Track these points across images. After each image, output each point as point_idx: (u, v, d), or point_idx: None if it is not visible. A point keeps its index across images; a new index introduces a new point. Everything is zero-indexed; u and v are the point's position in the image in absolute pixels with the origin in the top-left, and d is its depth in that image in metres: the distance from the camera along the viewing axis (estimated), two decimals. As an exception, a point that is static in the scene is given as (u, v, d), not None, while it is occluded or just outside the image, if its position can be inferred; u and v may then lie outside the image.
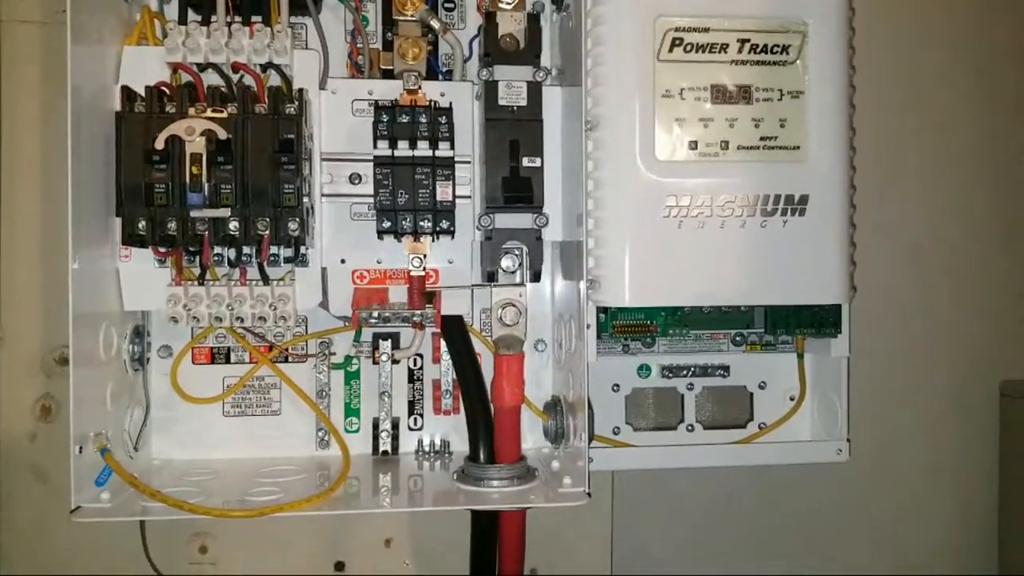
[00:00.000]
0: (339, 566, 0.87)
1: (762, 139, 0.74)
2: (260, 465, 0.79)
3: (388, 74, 0.79)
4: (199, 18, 0.74)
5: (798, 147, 0.74)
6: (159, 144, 0.65)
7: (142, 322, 0.78)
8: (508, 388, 0.71)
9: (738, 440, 0.85)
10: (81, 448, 0.65)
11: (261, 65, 0.72)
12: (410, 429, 0.83)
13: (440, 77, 0.80)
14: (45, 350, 0.82)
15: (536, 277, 0.72)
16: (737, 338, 0.84)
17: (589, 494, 0.67)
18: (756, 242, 0.73)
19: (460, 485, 0.72)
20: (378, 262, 0.76)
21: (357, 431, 0.83)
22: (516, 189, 0.68)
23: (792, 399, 0.86)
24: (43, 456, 0.83)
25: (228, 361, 0.82)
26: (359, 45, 0.79)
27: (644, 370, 0.85)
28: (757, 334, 0.83)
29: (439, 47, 0.82)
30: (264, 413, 0.82)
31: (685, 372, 0.84)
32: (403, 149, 0.69)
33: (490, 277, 0.71)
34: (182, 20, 0.75)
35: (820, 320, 0.78)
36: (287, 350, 0.81)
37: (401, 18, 0.76)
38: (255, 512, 0.64)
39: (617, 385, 0.84)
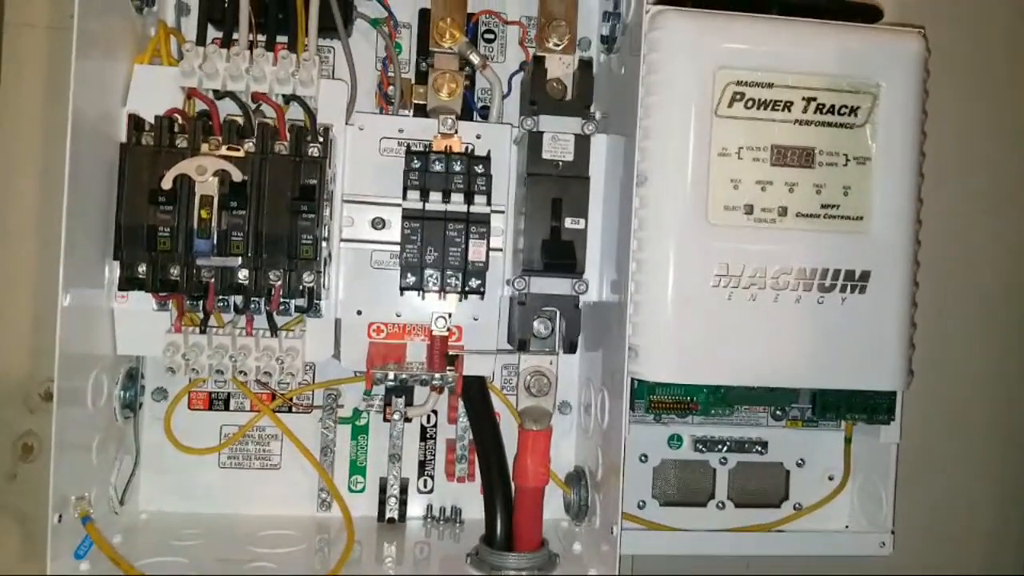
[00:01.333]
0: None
1: (823, 207, 0.68)
2: (255, 525, 0.73)
3: (420, 109, 0.72)
4: (219, 35, 0.68)
5: (861, 217, 0.68)
6: (166, 184, 0.59)
7: (136, 365, 0.72)
8: (533, 467, 0.65)
9: (772, 522, 0.78)
10: (61, 516, 0.58)
11: (284, 96, 0.66)
12: (419, 492, 0.77)
13: (476, 114, 0.74)
14: (30, 384, 0.76)
15: (572, 348, 0.65)
16: (777, 412, 0.77)
17: (620, 594, 0.61)
18: (812, 320, 0.67)
19: (473, 571, 0.65)
20: (397, 315, 0.69)
21: (362, 491, 0.77)
22: (557, 254, 0.62)
23: (831, 479, 0.80)
24: (22, 498, 0.76)
25: (227, 408, 0.76)
26: (390, 74, 0.73)
27: (675, 440, 0.78)
28: (800, 409, 0.77)
29: (476, 81, 0.76)
30: (263, 467, 0.76)
31: (720, 447, 0.78)
32: (435, 202, 0.63)
33: (522, 346, 0.65)
34: (200, 38, 0.69)
35: (873, 406, 0.72)
36: (291, 400, 0.75)
37: (438, 49, 0.70)
38: (250, 601, 0.57)
39: (645, 455, 0.78)
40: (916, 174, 0.69)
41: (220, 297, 0.65)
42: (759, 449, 0.78)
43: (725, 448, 0.78)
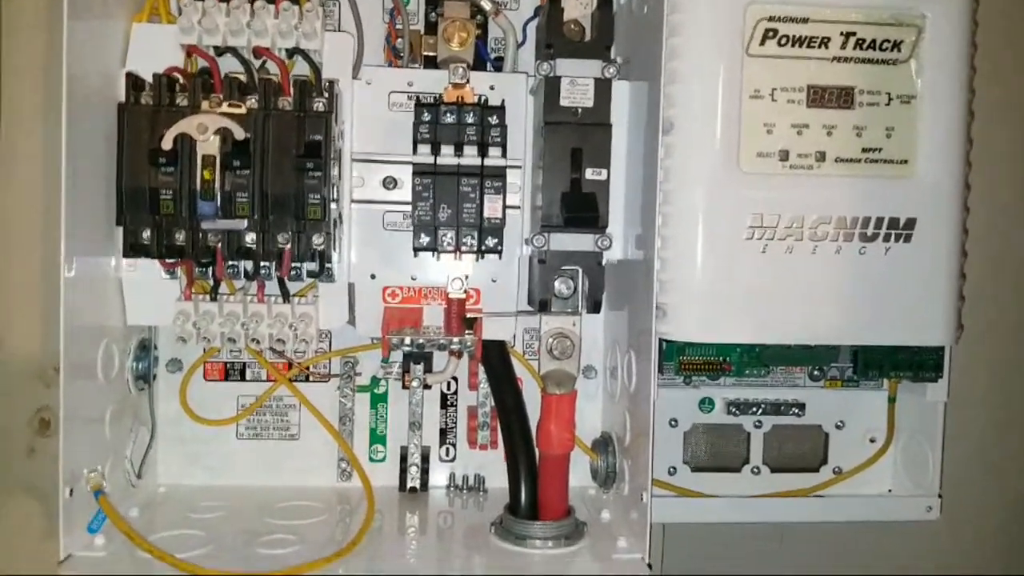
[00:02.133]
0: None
1: (864, 150, 0.63)
2: (275, 496, 0.71)
3: (430, 62, 0.69)
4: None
5: (906, 161, 0.63)
6: (167, 143, 0.56)
7: (149, 335, 0.70)
8: (557, 432, 0.62)
9: (810, 487, 0.75)
10: (72, 490, 0.57)
11: (287, 50, 0.63)
12: (441, 460, 0.75)
13: (489, 66, 0.70)
14: (44, 358, 0.74)
15: (596, 307, 0.62)
16: (815, 372, 0.74)
17: (650, 565, 0.58)
18: (853, 272, 0.63)
19: (498, 542, 0.63)
20: (412, 279, 0.66)
21: (383, 460, 0.74)
22: (578, 207, 0.58)
23: (872, 441, 0.76)
24: (42, 474, 0.75)
25: (243, 378, 0.74)
26: (398, 27, 0.70)
27: (707, 404, 0.75)
28: (839, 368, 0.73)
29: (488, 30, 0.72)
30: (281, 437, 0.74)
31: (755, 409, 0.74)
32: (447, 156, 0.59)
33: (542, 306, 0.61)
34: (199, -8, 0.65)
35: (919, 363, 0.68)
36: (308, 369, 0.73)
37: (448, -3, 0.65)
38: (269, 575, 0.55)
39: (675, 420, 0.75)
40: (965, 112, 0.64)
41: (229, 263, 0.62)
42: (796, 411, 0.75)
43: (760, 411, 0.74)
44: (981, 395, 0.82)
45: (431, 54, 0.69)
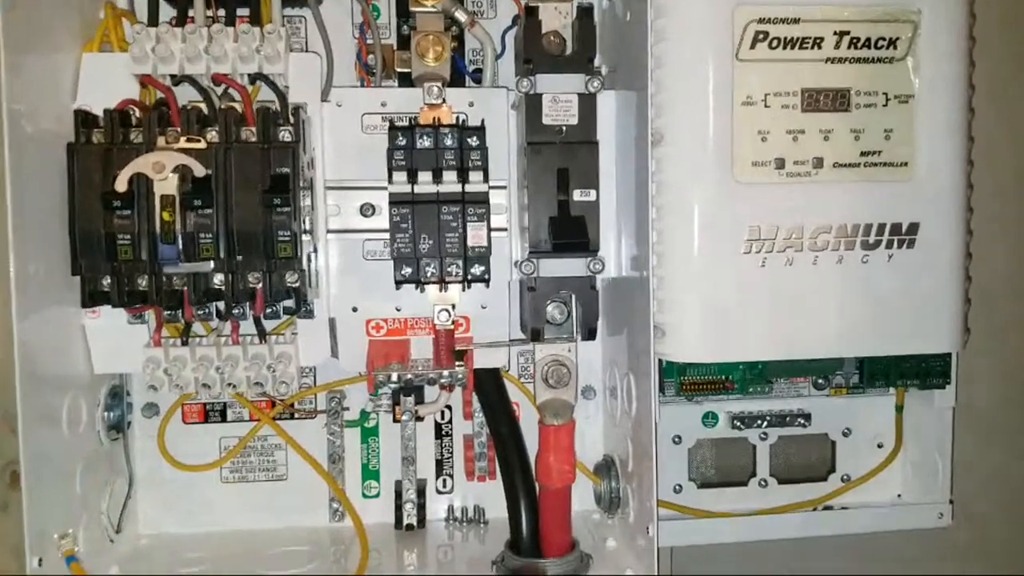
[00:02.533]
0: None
1: (863, 154, 0.60)
2: (265, 542, 0.68)
3: (405, 79, 0.65)
4: (174, 13, 0.61)
5: (906, 163, 0.61)
6: (121, 185, 0.52)
7: (120, 382, 0.66)
8: (557, 465, 0.59)
9: (819, 497, 0.72)
10: (41, 560, 0.53)
11: (250, 76, 0.59)
12: (438, 492, 0.72)
13: (468, 79, 0.67)
14: (8, 405, 0.70)
15: (591, 335, 0.59)
16: (819, 381, 0.71)
17: (661, 602, 0.55)
18: (856, 281, 0.60)
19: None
20: (397, 309, 0.63)
21: (377, 496, 0.71)
22: (567, 232, 0.55)
23: (880, 446, 0.73)
24: (18, 530, 0.71)
25: (224, 419, 0.70)
26: (369, 42, 0.66)
27: (710, 419, 0.72)
28: (844, 376, 0.70)
29: (465, 41, 0.68)
30: (268, 479, 0.71)
31: (759, 422, 0.71)
32: (425, 183, 0.55)
33: (534, 336, 0.58)
34: (152, 18, 0.61)
35: (926, 370, 0.65)
36: (292, 406, 0.69)
37: (419, 9, 0.61)
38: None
39: (679, 437, 0.72)
40: (966, 109, 0.62)
41: (199, 308, 0.58)
42: (801, 422, 0.72)
43: (765, 423, 0.72)
44: (989, 398, 0.80)
45: (405, 70, 0.65)
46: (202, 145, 0.54)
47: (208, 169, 0.53)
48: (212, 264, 0.54)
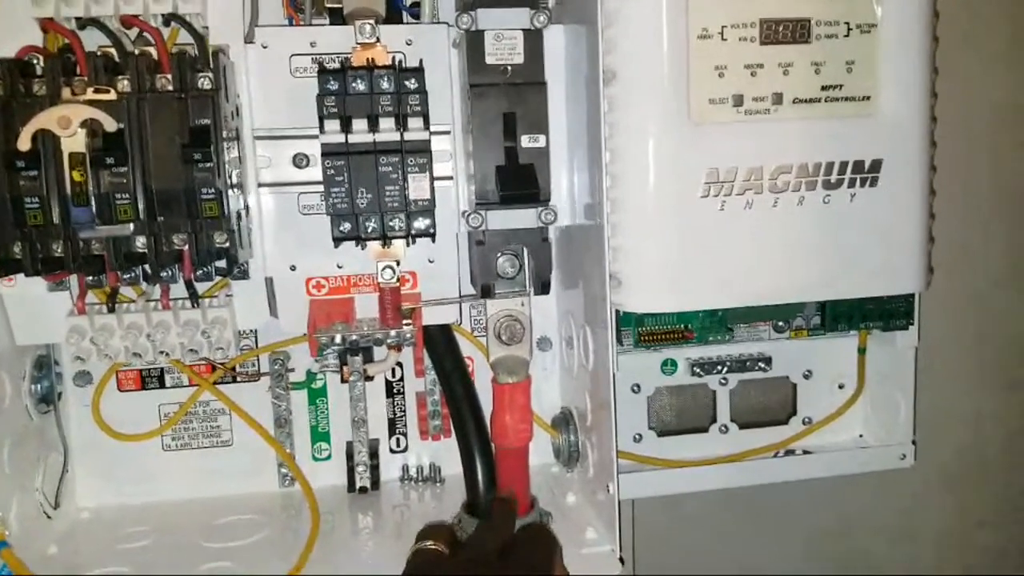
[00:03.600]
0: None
1: (824, 88, 0.57)
2: (212, 510, 0.65)
3: (336, 15, 0.60)
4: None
5: (868, 97, 0.58)
6: (23, 143, 0.47)
7: (47, 352, 0.62)
8: (513, 424, 0.57)
9: (781, 440, 0.71)
10: (-33, 546, 0.50)
11: (164, 16, 0.53)
12: (392, 452, 0.69)
13: (405, 15, 0.62)
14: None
15: (544, 288, 0.56)
16: (780, 324, 0.69)
17: (622, 560, 0.54)
18: (818, 222, 0.58)
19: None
20: (338, 267, 0.59)
21: (328, 458, 0.69)
22: (515, 182, 0.51)
23: (841, 387, 0.73)
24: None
25: (163, 385, 0.67)
26: (295, -25, 0.60)
27: (669, 366, 0.70)
28: (804, 318, 0.69)
29: (401, -27, 0.63)
30: (212, 444, 0.68)
31: (719, 367, 0.70)
32: (360, 132, 0.51)
33: (484, 292, 0.55)
34: (53, -46, 0.55)
35: (889, 311, 0.64)
36: (234, 369, 0.66)
37: (349, -62, 0.56)
38: (199, 624, 0.50)
39: (638, 385, 0.70)
40: (930, 39, 0.59)
41: (123, 269, 0.54)
42: (762, 366, 0.71)
43: (725, 369, 0.70)
44: (951, 337, 0.79)
45: (336, 6, 0.60)
46: (112, 96, 0.49)
47: (120, 123, 0.48)
48: (132, 227, 0.50)
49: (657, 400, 0.71)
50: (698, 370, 0.70)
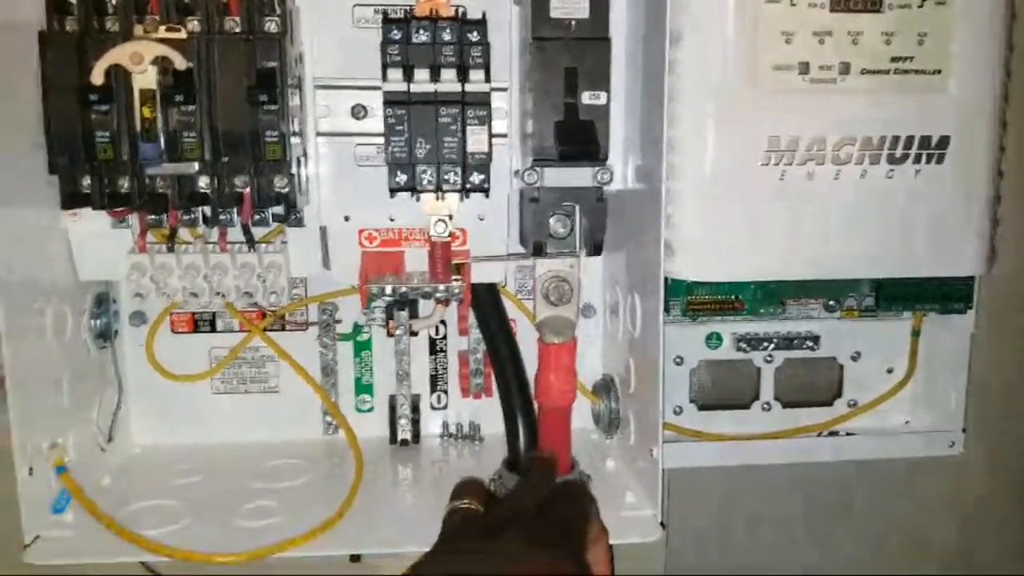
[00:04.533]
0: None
1: (894, 60, 0.56)
2: (257, 454, 0.66)
3: (401, -32, 0.60)
4: None
5: (939, 71, 0.57)
6: (97, 78, 0.48)
7: (106, 289, 0.64)
8: (557, 384, 0.57)
9: (825, 421, 0.71)
10: (31, 469, 0.52)
11: (232, -40, 0.54)
12: (433, 408, 0.70)
13: (467, -31, 0.62)
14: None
15: (597, 250, 0.56)
16: (831, 303, 0.68)
17: (663, 524, 0.54)
18: (880, 197, 0.57)
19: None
20: (391, 219, 0.60)
21: (371, 410, 0.70)
22: (575, 139, 0.51)
23: (890, 371, 0.71)
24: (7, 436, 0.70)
25: (214, 329, 0.68)
26: (363, -74, 0.61)
27: (714, 339, 0.70)
28: (857, 298, 0.67)
29: (465, -74, 0.63)
30: (260, 390, 0.69)
31: (766, 344, 0.69)
32: (422, 81, 0.51)
33: (536, 250, 0.55)
34: None
35: (946, 293, 0.62)
36: (283, 317, 0.67)
37: None
38: (245, 556, 0.51)
39: (680, 358, 0.70)
40: (1007, 13, 0.57)
41: (184, 209, 0.55)
42: (810, 344, 0.70)
43: (771, 345, 0.69)
44: (1011, 325, 0.77)
45: (401, -41, 0.60)
46: (183, 35, 0.50)
47: (190, 62, 0.49)
48: (196, 166, 0.51)
49: (699, 373, 0.71)
50: (744, 345, 0.69)
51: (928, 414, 0.69)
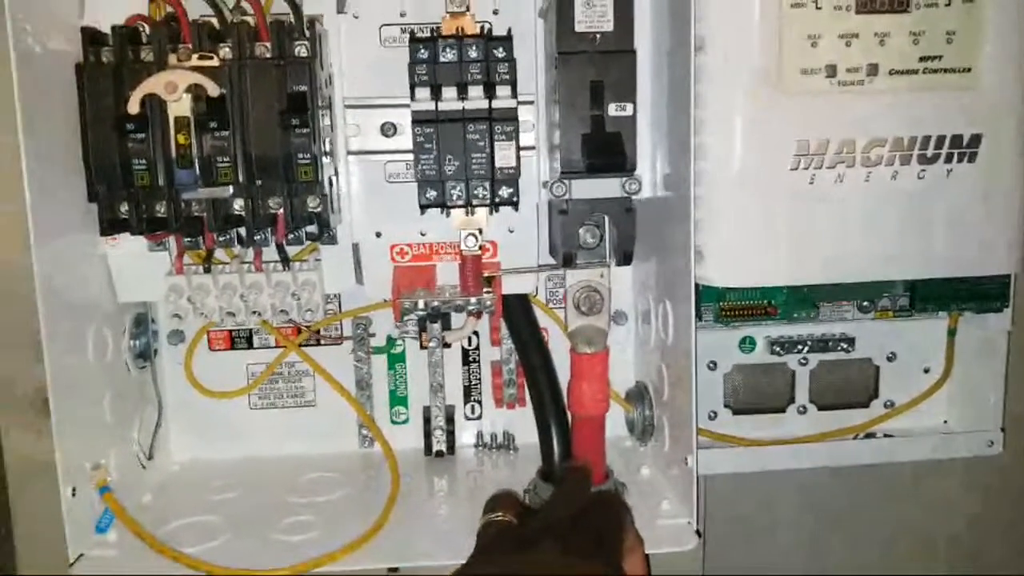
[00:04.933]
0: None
1: (922, 59, 0.56)
2: (295, 468, 0.67)
3: (424, -15, 0.61)
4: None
5: (969, 69, 0.56)
6: (133, 107, 0.49)
7: (145, 310, 0.65)
8: (590, 393, 0.57)
9: (862, 423, 0.70)
10: (75, 490, 0.53)
11: (261, -15, 0.55)
12: (467, 419, 0.71)
13: (490, -16, 0.62)
14: (36, 330, 0.69)
15: (627, 259, 0.56)
16: (864, 304, 0.68)
17: (699, 532, 0.54)
18: (912, 198, 0.56)
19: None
20: (422, 234, 0.61)
21: (406, 422, 0.70)
22: (603, 150, 0.51)
23: (927, 371, 0.70)
24: (51, 454, 0.72)
25: (251, 346, 0.69)
26: (386, -55, 0.61)
27: (747, 344, 0.69)
28: (891, 298, 0.67)
29: (487, -58, 0.63)
30: (296, 405, 0.70)
31: (799, 347, 0.69)
32: (449, 99, 0.52)
33: (567, 261, 0.55)
34: (157, -75, 0.58)
35: (982, 292, 0.62)
36: (318, 332, 0.68)
37: (438, -92, 0.57)
38: (284, 571, 0.52)
39: (714, 363, 0.69)
40: (1038, 8, 0.56)
41: (220, 231, 0.56)
42: (844, 346, 0.69)
43: (805, 348, 0.69)
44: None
45: (424, -24, 0.61)
46: (215, 63, 0.51)
47: (222, 88, 0.50)
48: (231, 189, 0.52)
49: (734, 378, 0.71)
50: (777, 349, 0.69)
51: (966, 414, 0.69)
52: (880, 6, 0.55)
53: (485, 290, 0.58)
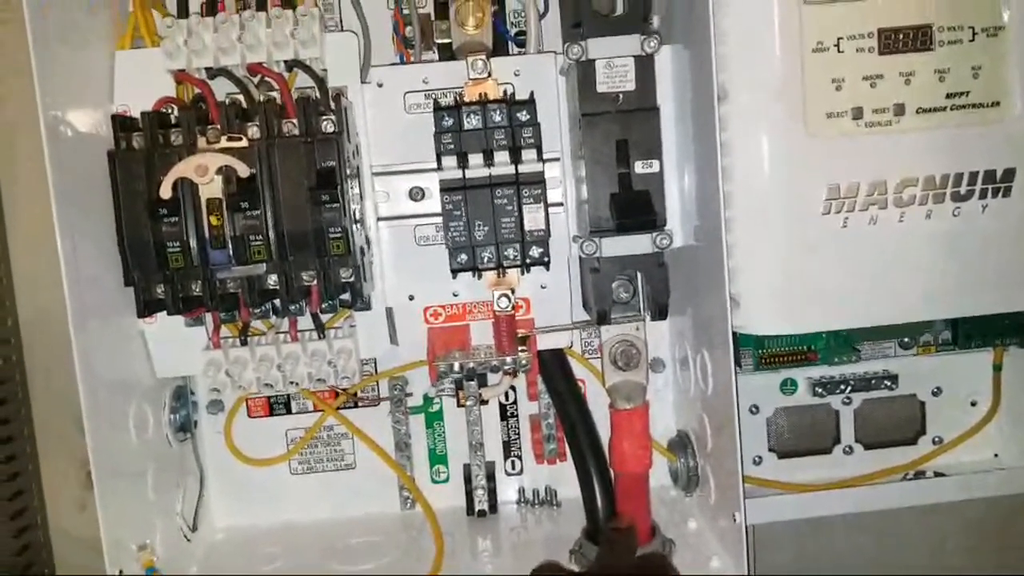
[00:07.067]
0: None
1: (949, 96, 0.55)
2: (337, 531, 0.67)
3: (445, 50, 0.62)
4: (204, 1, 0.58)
5: (998, 103, 0.55)
6: (165, 192, 0.50)
7: (184, 383, 0.65)
8: (632, 450, 0.56)
9: (910, 461, 0.68)
10: (122, 572, 0.53)
11: (286, 62, 0.56)
12: (507, 474, 0.70)
13: (510, 44, 0.63)
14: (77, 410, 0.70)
15: (662, 313, 0.55)
16: (906, 340, 0.66)
17: (751, 589, 0.53)
18: (948, 236, 0.55)
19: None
20: (454, 295, 0.61)
21: (446, 480, 0.70)
22: (631, 210, 0.51)
23: (974, 404, 0.69)
24: (96, 528, 0.72)
25: (289, 411, 0.69)
26: (405, 12, 0.62)
27: (789, 386, 0.68)
28: (933, 334, 0.66)
29: (505, 3, 0.64)
30: (336, 468, 0.70)
31: (842, 387, 0.68)
32: (476, 166, 0.52)
33: (601, 318, 0.55)
34: (182, 9, 0.59)
35: (1026, 325, 0.60)
36: (356, 395, 0.68)
37: (455, -26, 0.58)
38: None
39: (756, 406, 0.68)
40: (1065, 36, 0.55)
41: (255, 305, 0.57)
42: (888, 384, 0.68)
43: (848, 388, 0.68)
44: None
45: (445, 41, 0.62)
46: (244, 143, 0.51)
47: (252, 168, 0.51)
48: (265, 266, 0.52)
49: (777, 421, 0.69)
50: (820, 390, 0.68)
51: (1016, 447, 0.67)
52: (903, 46, 0.54)
53: (520, 348, 0.58)
